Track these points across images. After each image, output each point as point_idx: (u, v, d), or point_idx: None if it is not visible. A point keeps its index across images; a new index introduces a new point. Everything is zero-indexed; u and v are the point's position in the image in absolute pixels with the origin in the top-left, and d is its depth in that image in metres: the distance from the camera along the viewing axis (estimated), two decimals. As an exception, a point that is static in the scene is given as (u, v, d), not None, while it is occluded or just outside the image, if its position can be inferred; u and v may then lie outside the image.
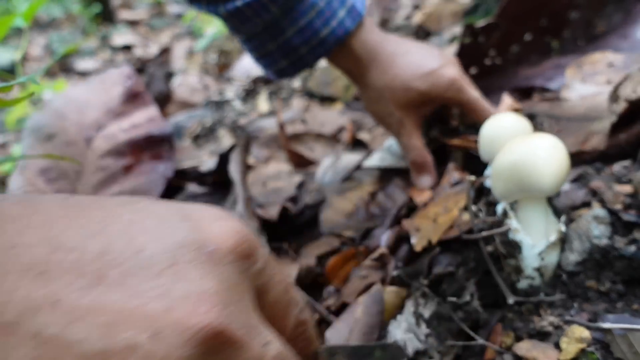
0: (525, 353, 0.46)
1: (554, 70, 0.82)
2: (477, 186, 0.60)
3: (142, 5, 5.28)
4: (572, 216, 0.51)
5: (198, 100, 1.86)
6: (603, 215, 0.49)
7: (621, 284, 0.46)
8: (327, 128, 1.16)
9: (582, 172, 0.56)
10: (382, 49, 0.70)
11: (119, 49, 4.04)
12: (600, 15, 0.83)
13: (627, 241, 0.47)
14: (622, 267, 0.46)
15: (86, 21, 4.50)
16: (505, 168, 0.46)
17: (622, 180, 0.52)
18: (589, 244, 0.48)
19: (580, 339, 0.43)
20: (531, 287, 0.49)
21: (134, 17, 4.90)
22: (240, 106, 1.58)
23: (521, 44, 0.87)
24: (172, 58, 3.01)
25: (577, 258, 0.48)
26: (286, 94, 1.46)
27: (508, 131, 0.54)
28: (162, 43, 3.83)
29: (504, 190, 0.47)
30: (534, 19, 0.85)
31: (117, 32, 4.30)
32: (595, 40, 0.83)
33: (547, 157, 0.44)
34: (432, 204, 0.64)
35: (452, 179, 0.65)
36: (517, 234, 0.48)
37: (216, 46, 3.21)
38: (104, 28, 4.65)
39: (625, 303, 0.45)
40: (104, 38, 4.23)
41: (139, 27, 4.67)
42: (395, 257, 0.61)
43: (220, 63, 2.81)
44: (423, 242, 0.57)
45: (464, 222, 0.55)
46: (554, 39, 0.86)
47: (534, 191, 0.45)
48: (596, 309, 0.46)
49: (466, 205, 0.54)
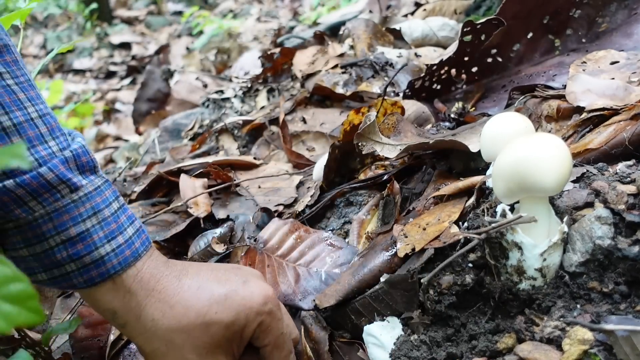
0: (527, 355, 0.45)
1: (557, 68, 0.82)
2: (479, 187, 0.60)
3: (140, 3, 5.26)
4: (575, 216, 0.51)
5: (197, 98, 1.86)
6: (606, 216, 0.48)
7: (624, 285, 0.46)
8: (327, 127, 1.15)
9: (585, 172, 0.55)
10: (163, 274, 0.54)
11: (116, 47, 4.02)
12: (604, 13, 0.82)
13: (630, 242, 0.46)
14: (626, 268, 0.46)
15: (83, 19, 4.49)
16: (507, 167, 0.46)
17: (626, 180, 0.52)
18: (591, 244, 0.47)
19: (583, 341, 0.43)
20: (533, 288, 0.49)
21: (132, 15, 4.88)
22: (239, 105, 1.57)
23: (523, 42, 0.87)
24: (170, 56, 3.00)
25: (580, 259, 0.48)
26: (287, 93, 1.46)
27: (510, 130, 0.53)
28: (160, 41, 3.81)
29: (505, 190, 0.47)
30: (536, 16, 0.85)
31: (115, 30, 4.28)
32: (599, 39, 0.83)
33: (550, 157, 0.44)
34: (427, 212, 0.64)
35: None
36: (516, 234, 0.48)
37: (215, 45, 3.20)
38: (101, 26, 4.63)
39: (628, 304, 0.45)
40: (102, 36, 4.21)
41: (136, 26, 4.65)
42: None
43: (219, 62, 2.80)
44: (407, 249, 0.59)
45: (451, 234, 0.56)
46: (556, 37, 0.86)
47: (536, 191, 0.45)
48: (599, 311, 0.45)
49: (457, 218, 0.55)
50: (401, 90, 1.11)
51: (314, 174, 0.90)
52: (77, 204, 0.50)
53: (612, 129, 0.60)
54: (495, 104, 0.88)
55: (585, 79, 0.69)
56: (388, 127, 0.79)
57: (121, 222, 0.53)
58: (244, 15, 4.33)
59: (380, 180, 0.83)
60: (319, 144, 1.13)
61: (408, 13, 1.70)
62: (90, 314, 0.71)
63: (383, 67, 1.30)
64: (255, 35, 3.37)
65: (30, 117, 0.49)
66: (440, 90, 1.01)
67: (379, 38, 1.47)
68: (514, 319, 0.49)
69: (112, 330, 0.70)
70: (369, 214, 0.77)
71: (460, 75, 0.98)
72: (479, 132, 0.68)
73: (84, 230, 0.50)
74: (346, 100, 1.24)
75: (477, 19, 0.93)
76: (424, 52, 1.33)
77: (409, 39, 1.44)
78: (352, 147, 0.81)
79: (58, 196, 0.49)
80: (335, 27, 1.84)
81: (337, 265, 0.69)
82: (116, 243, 0.51)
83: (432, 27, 1.41)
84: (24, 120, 0.48)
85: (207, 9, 4.89)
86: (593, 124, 0.65)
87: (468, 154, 0.69)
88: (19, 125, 0.48)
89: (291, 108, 1.27)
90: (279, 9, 4.31)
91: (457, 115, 0.89)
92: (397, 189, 0.75)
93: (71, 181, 0.50)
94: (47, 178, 0.48)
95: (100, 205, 0.52)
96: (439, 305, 0.53)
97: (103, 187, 0.53)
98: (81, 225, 0.50)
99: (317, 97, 1.29)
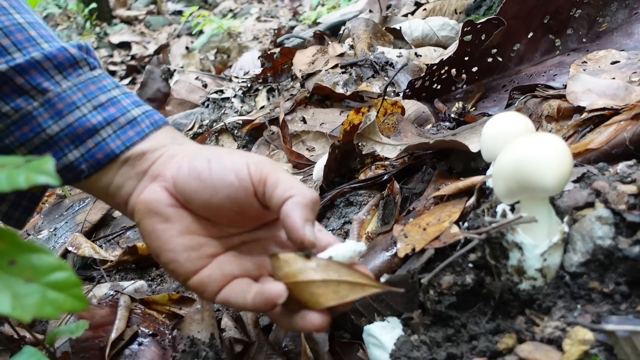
0: (527, 355, 0.45)
1: (557, 68, 0.82)
2: (479, 187, 0.60)
3: (140, 2, 5.26)
4: (575, 216, 0.50)
5: (196, 98, 1.85)
6: (607, 216, 0.48)
7: (625, 285, 0.46)
8: (327, 127, 1.15)
9: (586, 172, 0.55)
10: (188, 140, 0.58)
11: (116, 47, 4.02)
12: (604, 12, 0.82)
13: (631, 242, 0.46)
14: (626, 268, 0.46)
15: (82, 19, 4.48)
16: (508, 167, 0.45)
17: (626, 180, 0.52)
18: (592, 244, 0.47)
19: (584, 341, 0.43)
20: (533, 288, 0.49)
21: (131, 14, 4.88)
22: (239, 105, 1.57)
23: (524, 41, 0.87)
24: (170, 56, 3.00)
25: (581, 259, 0.48)
26: (287, 92, 1.46)
27: (510, 130, 0.53)
28: (160, 41, 3.82)
29: (506, 190, 0.47)
30: (536, 16, 0.84)
31: (114, 30, 4.28)
32: (599, 38, 0.83)
33: (551, 156, 0.43)
34: (427, 213, 0.64)
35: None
36: (517, 234, 0.48)
37: (215, 44, 3.20)
38: (100, 26, 4.63)
39: (629, 305, 0.45)
40: (101, 36, 4.21)
41: (136, 25, 4.65)
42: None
43: (219, 61, 2.80)
44: (407, 249, 0.59)
45: (451, 234, 0.56)
46: (557, 36, 0.86)
47: (537, 191, 0.45)
48: (600, 311, 0.45)
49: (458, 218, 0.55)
50: (401, 90, 1.11)
51: (314, 174, 0.90)
52: (99, 78, 0.55)
53: (612, 129, 0.60)
54: (495, 104, 0.88)
55: (586, 78, 0.69)
56: (388, 127, 0.79)
57: (141, 100, 0.57)
58: (243, 15, 4.33)
59: (380, 180, 0.83)
60: (319, 144, 1.13)
61: (408, 13, 1.70)
62: (91, 316, 0.71)
63: (383, 67, 1.30)
64: (255, 35, 3.37)
65: (39, 21, 0.55)
66: (440, 90, 1.01)
67: (379, 38, 1.47)
68: (514, 319, 0.49)
69: (113, 331, 0.70)
70: (369, 214, 0.77)
71: (460, 75, 0.97)
72: (479, 132, 0.68)
73: (113, 97, 0.55)
74: (346, 100, 1.24)
75: (478, 19, 0.93)
76: (424, 52, 1.33)
77: (409, 38, 1.44)
78: (352, 147, 0.81)
79: (81, 72, 0.54)
80: (335, 27, 1.84)
81: (337, 266, 0.69)
82: (144, 109, 0.56)
83: (432, 26, 1.41)
84: (34, 21, 0.54)
85: (206, 8, 4.89)
86: (594, 123, 0.65)
87: (468, 154, 0.68)
88: (35, 22, 0.54)
89: (291, 108, 1.27)
90: (279, 9, 4.31)
91: (457, 115, 0.89)
92: (397, 189, 0.75)
93: (89, 60, 0.55)
94: (71, 52, 0.53)
95: (118, 84, 0.57)
96: (439, 305, 0.53)
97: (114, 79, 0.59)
98: (108, 93, 0.55)
99: (317, 97, 1.29)
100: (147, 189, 0.52)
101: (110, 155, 0.53)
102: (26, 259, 0.36)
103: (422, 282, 0.54)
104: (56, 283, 0.35)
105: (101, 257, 0.94)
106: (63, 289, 0.35)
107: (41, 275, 0.35)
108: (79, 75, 0.54)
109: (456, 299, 0.53)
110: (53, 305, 0.34)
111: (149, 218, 0.51)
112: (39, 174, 0.34)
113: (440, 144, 0.70)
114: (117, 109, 0.54)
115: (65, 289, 0.35)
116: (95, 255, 0.94)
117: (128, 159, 0.54)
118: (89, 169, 0.53)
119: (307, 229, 0.46)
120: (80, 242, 0.97)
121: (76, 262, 0.98)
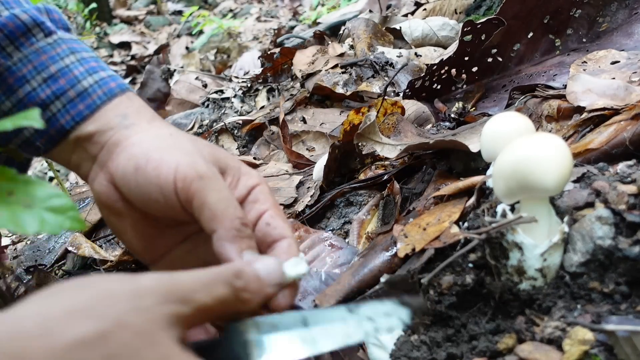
0: (527, 355, 0.45)
1: (557, 68, 0.82)
2: (479, 187, 0.60)
3: (140, 2, 5.26)
4: (575, 216, 0.50)
5: (196, 98, 1.85)
6: (607, 216, 0.48)
7: (625, 285, 0.46)
8: (327, 127, 1.15)
9: (586, 172, 0.55)
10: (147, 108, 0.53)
11: (116, 47, 4.02)
12: (604, 12, 0.82)
13: (631, 242, 0.46)
14: (626, 268, 0.46)
15: (82, 19, 4.48)
16: (508, 167, 0.45)
17: (626, 180, 0.52)
18: (592, 244, 0.47)
19: (584, 341, 0.43)
20: (533, 288, 0.49)
21: (131, 14, 4.88)
22: (239, 105, 1.57)
23: (524, 41, 0.87)
24: (170, 56, 3.00)
25: (581, 259, 0.48)
26: (287, 92, 1.46)
27: (510, 130, 0.53)
28: (160, 41, 3.81)
29: (506, 190, 0.47)
30: (536, 16, 0.84)
31: (114, 30, 4.28)
32: (599, 38, 0.83)
33: (551, 156, 0.43)
34: (427, 213, 0.64)
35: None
36: (517, 234, 0.48)
37: (215, 44, 3.19)
38: (100, 26, 4.63)
39: (629, 304, 0.45)
40: (101, 36, 4.21)
41: (136, 25, 4.65)
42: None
43: (218, 61, 2.80)
44: (407, 249, 0.59)
45: (451, 234, 0.56)
46: (557, 36, 0.86)
47: (537, 191, 0.45)
48: (600, 311, 0.45)
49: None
50: (401, 90, 1.11)
51: (314, 174, 0.90)
52: (53, 45, 0.51)
53: (612, 128, 0.60)
54: (495, 104, 0.88)
55: (586, 78, 0.69)
56: (388, 127, 0.79)
57: (100, 64, 0.53)
58: (243, 15, 4.33)
59: (380, 180, 0.83)
60: (319, 144, 1.13)
61: (408, 13, 1.70)
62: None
63: (383, 67, 1.30)
64: (255, 35, 3.37)
65: None
66: (440, 90, 1.01)
67: (379, 38, 1.47)
68: (514, 319, 0.49)
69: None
70: (369, 214, 0.77)
71: (460, 75, 0.97)
72: (479, 132, 0.68)
73: (64, 67, 0.50)
74: (346, 100, 1.24)
75: (478, 19, 0.93)
76: (424, 52, 1.33)
77: (409, 38, 1.44)
78: (352, 147, 0.81)
79: (34, 40, 0.50)
80: (335, 27, 1.84)
81: (337, 266, 0.69)
82: (98, 76, 0.51)
83: (432, 26, 1.41)
84: None
85: (206, 8, 4.89)
86: (594, 123, 0.65)
87: (468, 154, 0.68)
88: None
89: (291, 108, 1.27)
90: (279, 9, 4.31)
91: (457, 115, 0.89)
92: (397, 189, 0.75)
93: (45, 24, 0.51)
94: (22, 18, 0.49)
95: (77, 48, 0.52)
96: (439, 305, 0.53)
97: (78, 41, 0.53)
98: (60, 62, 0.50)
99: (317, 97, 1.29)
100: (97, 181, 0.50)
101: (62, 131, 0.50)
102: (24, 190, 0.39)
103: (422, 282, 0.54)
104: (54, 207, 0.38)
105: (101, 257, 0.94)
106: (61, 213, 0.38)
107: (39, 202, 0.38)
108: (32, 44, 0.50)
109: (456, 299, 0.53)
110: (52, 225, 0.38)
111: (103, 209, 0.50)
112: (24, 119, 0.37)
113: (440, 144, 0.70)
114: (67, 80, 0.50)
115: (63, 212, 0.38)
116: (95, 255, 0.94)
117: (78, 140, 0.51)
118: (45, 145, 0.51)
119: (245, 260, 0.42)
120: (80, 242, 0.97)
121: (76, 262, 0.98)
